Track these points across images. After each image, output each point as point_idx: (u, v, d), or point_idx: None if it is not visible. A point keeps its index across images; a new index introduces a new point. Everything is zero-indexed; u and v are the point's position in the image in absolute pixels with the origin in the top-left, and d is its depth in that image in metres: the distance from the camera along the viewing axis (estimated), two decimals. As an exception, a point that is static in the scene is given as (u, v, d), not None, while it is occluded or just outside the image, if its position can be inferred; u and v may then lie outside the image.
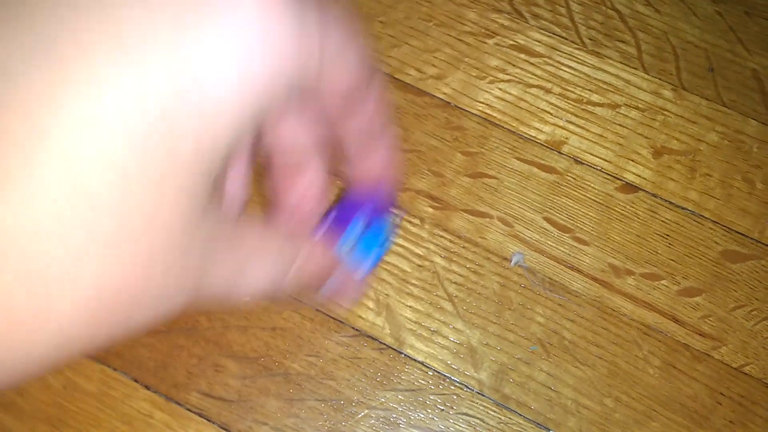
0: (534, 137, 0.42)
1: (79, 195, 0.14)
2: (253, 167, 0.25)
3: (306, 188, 0.27)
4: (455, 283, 0.39)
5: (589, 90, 0.43)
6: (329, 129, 0.25)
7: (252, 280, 0.21)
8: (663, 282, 0.40)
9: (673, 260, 0.40)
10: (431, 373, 0.38)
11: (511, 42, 0.44)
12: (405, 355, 0.38)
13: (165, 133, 0.15)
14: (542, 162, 0.42)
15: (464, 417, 0.37)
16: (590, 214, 0.41)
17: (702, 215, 0.41)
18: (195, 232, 0.17)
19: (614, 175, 0.42)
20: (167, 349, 0.37)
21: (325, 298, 0.27)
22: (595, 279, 0.39)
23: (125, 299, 0.16)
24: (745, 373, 0.38)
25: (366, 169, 0.28)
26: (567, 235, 0.40)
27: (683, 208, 0.41)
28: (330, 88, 0.21)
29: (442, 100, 0.42)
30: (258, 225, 0.21)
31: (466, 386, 0.38)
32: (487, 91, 0.43)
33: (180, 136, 0.16)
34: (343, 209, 0.29)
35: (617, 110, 0.43)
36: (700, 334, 0.39)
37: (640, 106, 0.43)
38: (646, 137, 0.42)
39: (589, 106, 0.43)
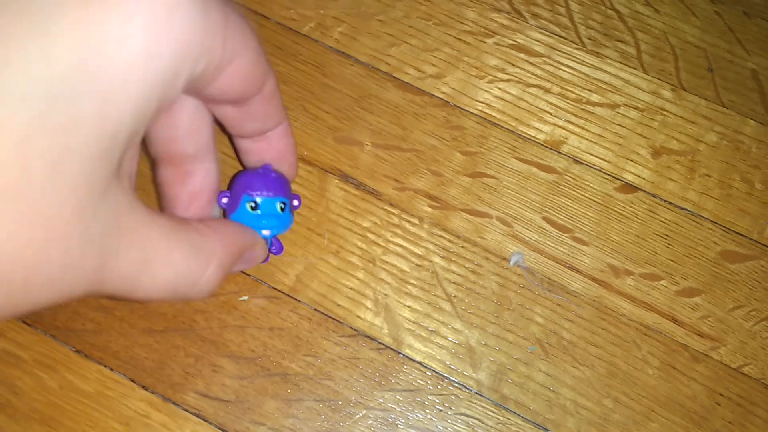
0: (533, 137, 0.42)
1: None
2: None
3: (199, 185, 0.27)
4: (454, 283, 0.39)
5: (589, 90, 0.43)
6: (225, 116, 0.25)
7: (159, 277, 0.20)
8: (662, 282, 0.39)
9: (672, 260, 0.40)
10: (430, 374, 0.38)
11: (511, 41, 0.44)
12: (403, 355, 0.38)
13: (67, 105, 0.15)
14: (541, 162, 0.41)
15: (463, 417, 0.37)
16: (589, 214, 0.41)
17: (701, 215, 0.41)
18: (96, 209, 0.17)
19: (613, 175, 0.41)
20: (164, 349, 0.37)
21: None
22: (594, 279, 0.39)
23: (22, 268, 0.16)
24: (744, 374, 0.38)
25: (260, 153, 0.28)
26: (566, 235, 0.40)
27: (682, 209, 0.41)
28: (231, 75, 0.21)
29: (441, 99, 0.42)
30: (166, 221, 0.21)
31: (465, 386, 0.38)
32: (486, 91, 0.43)
33: (83, 109, 0.15)
34: (238, 186, 0.30)
35: (616, 110, 0.43)
36: (699, 335, 0.39)
37: (639, 106, 0.43)
38: (645, 137, 0.42)
39: (588, 106, 0.43)
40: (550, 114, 0.42)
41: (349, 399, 0.37)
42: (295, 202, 0.33)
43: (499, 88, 0.43)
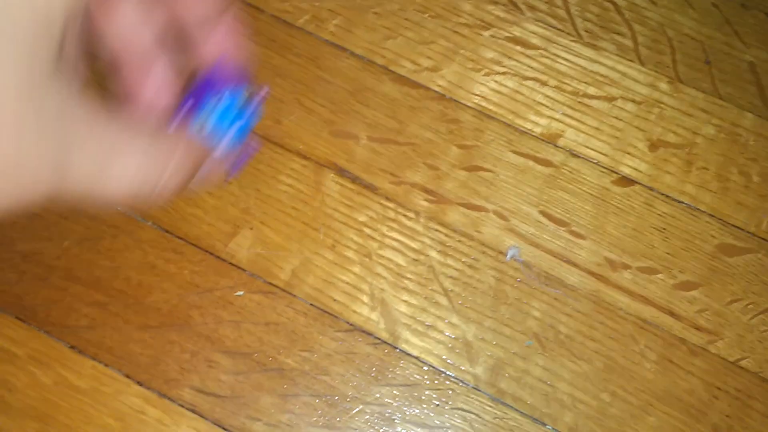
0: (530, 130, 0.42)
1: None
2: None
3: (160, 81, 0.27)
4: (450, 277, 0.39)
5: (585, 82, 0.43)
6: (168, 15, 0.25)
7: (118, 177, 0.20)
8: (659, 276, 0.39)
9: (669, 254, 0.40)
10: (426, 368, 0.37)
11: (507, 34, 0.44)
12: (400, 350, 0.38)
13: None
14: (538, 155, 0.41)
15: (460, 412, 0.37)
16: (586, 207, 0.40)
17: (698, 208, 0.41)
18: (45, 91, 0.16)
19: (610, 168, 0.41)
20: (159, 345, 0.37)
21: (195, 188, 0.26)
22: (591, 273, 0.39)
23: None
24: (742, 367, 0.38)
25: (210, 47, 0.28)
26: (563, 228, 0.40)
27: (679, 202, 0.41)
28: None
29: (437, 92, 0.42)
30: (122, 117, 0.20)
31: (462, 381, 0.37)
32: (482, 84, 0.42)
33: None
34: (196, 91, 0.29)
35: (613, 103, 0.42)
36: (697, 328, 0.39)
37: (636, 98, 0.43)
38: (642, 130, 0.42)
39: (585, 99, 0.42)
40: (547, 107, 0.42)
41: (346, 394, 0.37)
42: (262, 92, 0.31)
43: (496, 81, 0.43)
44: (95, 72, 0.24)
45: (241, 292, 0.38)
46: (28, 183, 0.17)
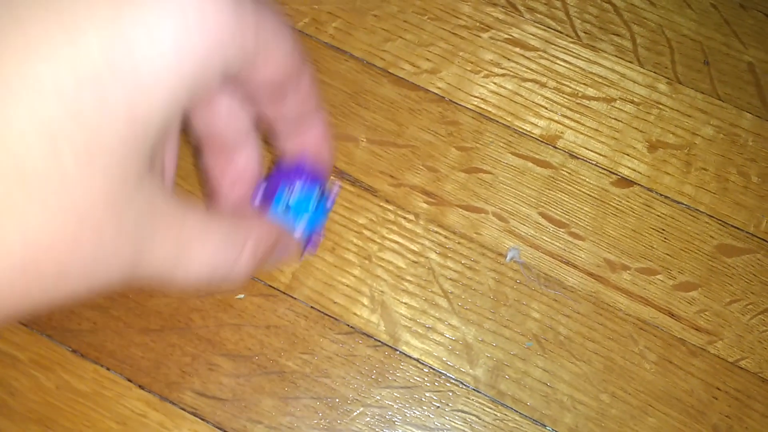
0: (529, 132, 0.42)
1: (3, 147, 0.14)
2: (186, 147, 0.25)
3: (240, 171, 0.28)
4: (450, 279, 0.39)
5: (584, 84, 0.43)
6: (262, 110, 0.26)
7: (195, 263, 0.20)
8: (658, 277, 0.39)
9: (668, 255, 0.40)
10: (426, 370, 0.38)
11: (506, 36, 0.44)
12: (400, 352, 0.38)
13: (97, 98, 0.15)
14: (537, 157, 0.41)
15: (460, 414, 0.37)
16: (585, 208, 0.41)
17: (697, 209, 0.41)
18: (129, 199, 0.17)
19: (609, 169, 0.41)
20: (160, 348, 0.37)
21: (268, 268, 0.27)
22: (590, 274, 0.39)
23: (54, 259, 0.16)
24: (741, 368, 0.38)
25: (297, 145, 0.29)
26: (562, 230, 0.40)
27: (678, 203, 0.41)
28: (264, 71, 0.21)
29: (436, 94, 0.42)
30: (200, 207, 0.21)
31: (462, 383, 0.37)
32: (481, 86, 0.42)
33: (113, 102, 0.16)
34: (274, 178, 0.30)
35: (612, 104, 0.43)
36: (696, 329, 0.39)
37: (635, 99, 0.43)
38: (641, 131, 0.42)
39: (584, 100, 0.43)
40: (546, 108, 0.42)
41: (346, 396, 0.37)
42: (335, 188, 0.32)
43: (495, 83, 0.43)
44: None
45: (241, 295, 0.38)
46: (104, 276, 0.17)
